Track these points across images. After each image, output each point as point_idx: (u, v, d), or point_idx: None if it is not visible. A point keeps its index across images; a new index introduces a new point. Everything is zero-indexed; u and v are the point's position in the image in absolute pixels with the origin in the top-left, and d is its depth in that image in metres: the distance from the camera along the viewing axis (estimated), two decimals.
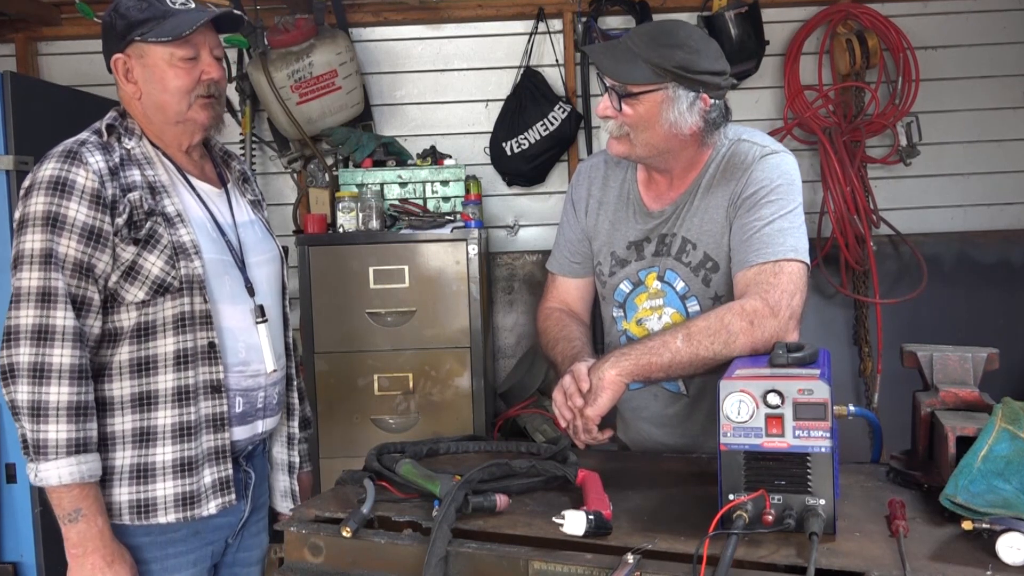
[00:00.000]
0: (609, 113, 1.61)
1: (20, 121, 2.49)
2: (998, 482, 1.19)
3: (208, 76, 1.58)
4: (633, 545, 1.16)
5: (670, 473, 1.57)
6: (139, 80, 1.56)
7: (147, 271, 1.49)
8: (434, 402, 2.81)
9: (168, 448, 1.51)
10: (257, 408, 1.65)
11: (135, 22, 1.53)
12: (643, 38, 1.57)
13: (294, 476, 1.81)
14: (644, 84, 1.55)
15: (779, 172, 1.61)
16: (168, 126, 1.59)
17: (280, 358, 1.70)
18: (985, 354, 1.46)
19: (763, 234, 1.57)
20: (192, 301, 1.52)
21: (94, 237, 1.46)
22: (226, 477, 1.57)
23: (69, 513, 1.43)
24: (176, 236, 1.51)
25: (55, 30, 3.38)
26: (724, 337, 1.49)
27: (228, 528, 1.64)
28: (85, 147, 1.49)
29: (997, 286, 3.31)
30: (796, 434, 1.17)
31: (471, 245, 2.80)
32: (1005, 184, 3.39)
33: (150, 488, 1.51)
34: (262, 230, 1.75)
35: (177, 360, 1.51)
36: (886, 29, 3.20)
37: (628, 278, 1.75)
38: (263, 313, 1.65)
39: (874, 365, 3.25)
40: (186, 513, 1.52)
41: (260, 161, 3.39)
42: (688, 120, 1.58)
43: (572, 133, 3.27)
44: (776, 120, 3.35)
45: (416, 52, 3.41)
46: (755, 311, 1.51)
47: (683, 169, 1.69)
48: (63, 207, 1.44)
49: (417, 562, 1.21)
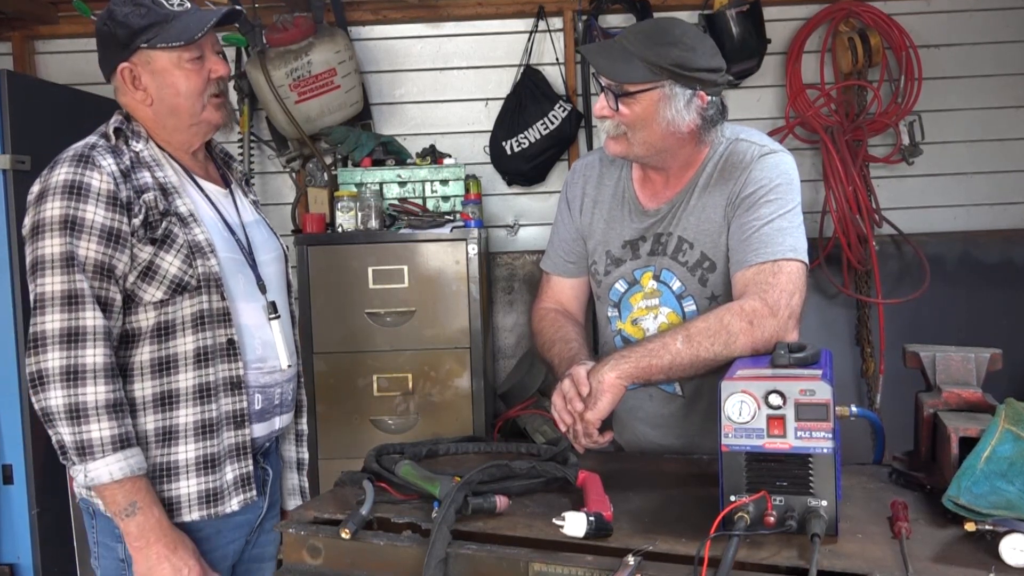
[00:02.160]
0: (606, 113, 1.60)
1: (17, 120, 2.49)
2: (1001, 483, 1.18)
3: (216, 74, 1.58)
4: (634, 547, 1.16)
5: (671, 474, 1.56)
6: (149, 86, 1.56)
7: (165, 270, 1.50)
8: (434, 403, 2.80)
9: (191, 446, 1.52)
10: (275, 404, 1.67)
11: (138, 29, 1.52)
12: (638, 37, 1.57)
13: (303, 473, 1.83)
14: (640, 83, 1.55)
15: (778, 172, 1.60)
16: (180, 129, 1.60)
17: (292, 355, 1.71)
18: (988, 354, 1.45)
19: (762, 234, 1.56)
20: (210, 299, 1.54)
21: (113, 238, 1.46)
22: (247, 473, 1.59)
23: (125, 508, 1.44)
24: (191, 235, 1.53)
25: (52, 28, 3.37)
26: (724, 338, 1.48)
27: (248, 526, 1.65)
28: (96, 150, 1.50)
29: (1000, 286, 3.30)
30: (798, 435, 1.16)
31: (471, 245, 2.79)
32: (1008, 183, 3.38)
33: (174, 487, 1.52)
34: (266, 229, 1.77)
35: (197, 358, 1.52)
36: (888, 27, 3.19)
37: (623, 277, 1.74)
38: (275, 309, 1.66)
39: (876, 365, 3.25)
40: (210, 511, 1.54)
41: (259, 160, 3.38)
42: (686, 118, 1.57)
43: (572, 132, 3.26)
44: (778, 119, 3.34)
45: (415, 51, 3.41)
46: (755, 311, 1.50)
47: (680, 167, 1.68)
48: (80, 210, 1.44)
49: (417, 564, 1.20)
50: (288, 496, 1.82)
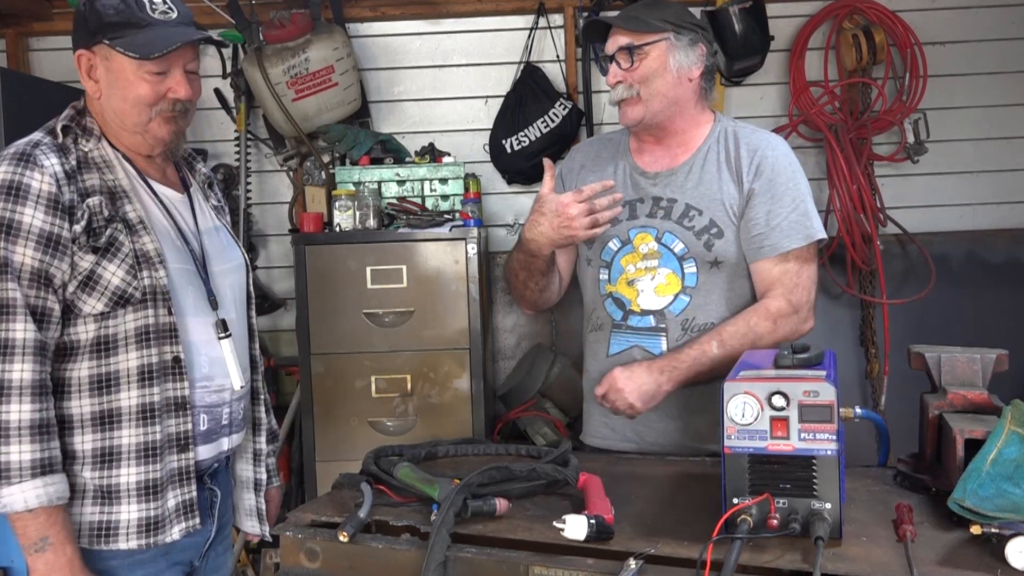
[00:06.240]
0: (620, 77, 1.80)
1: (10, 117, 2.48)
2: (1007, 486, 1.18)
3: (174, 95, 1.49)
4: (635, 550, 1.15)
5: (673, 476, 1.56)
6: (101, 81, 1.50)
7: (106, 281, 1.42)
8: (433, 404, 2.78)
9: (132, 469, 1.44)
10: (222, 425, 1.58)
11: (107, 24, 1.47)
12: (637, 8, 1.84)
13: (260, 494, 1.73)
14: (650, 33, 1.78)
15: (787, 159, 1.81)
16: (124, 132, 1.52)
17: (246, 372, 1.63)
18: (994, 355, 1.45)
19: (790, 221, 1.77)
20: (156, 313, 1.45)
21: (52, 244, 1.38)
22: (190, 500, 1.50)
23: (35, 542, 1.35)
24: (139, 244, 1.45)
25: (46, 25, 3.33)
26: (752, 338, 1.72)
27: (195, 549, 1.58)
28: (39, 149, 1.42)
29: (1007, 286, 3.28)
30: (801, 437, 1.16)
31: (470, 244, 2.77)
32: (1015, 182, 3.35)
33: (113, 510, 1.44)
34: (227, 237, 1.69)
35: (141, 376, 1.44)
36: (893, 24, 3.16)
37: (618, 236, 1.87)
38: (226, 328, 1.57)
39: (881, 366, 3.22)
40: (149, 539, 1.45)
41: (255, 158, 3.37)
42: (691, 63, 1.81)
43: (573, 130, 3.24)
44: (781, 117, 3.31)
45: (414, 48, 3.39)
46: (779, 312, 1.75)
47: (683, 135, 1.86)
48: (17, 213, 1.36)
49: (415, 567, 1.20)
50: (245, 517, 1.72)
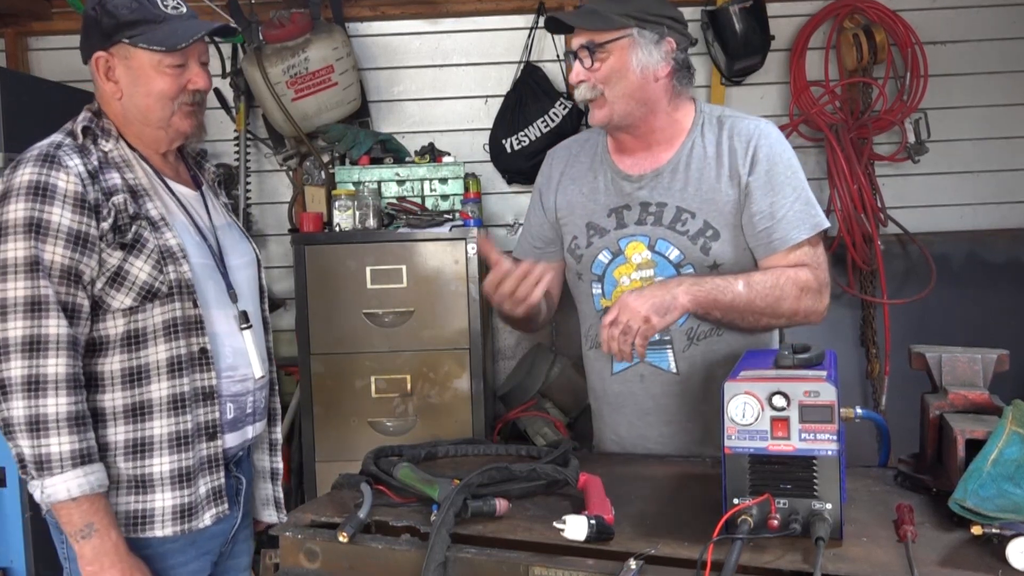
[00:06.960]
0: (582, 76, 1.67)
1: (10, 118, 2.48)
2: (1008, 486, 1.17)
3: (194, 86, 1.54)
4: (636, 550, 1.15)
5: (673, 477, 1.56)
6: (121, 80, 1.53)
7: (134, 276, 1.46)
8: (432, 404, 2.78)
9: (166, 459, 1.48)
10: (247, 413, 1.63)
11: (124, 23, 1.49)
12: (597, 2, 1.68)
13: (278, 483, 1.79)
14: (610, 31, 1.64)
15: (782, 146, 1.71)
16: (148, 128, 1.56)
17: (265, 362, 1.68)
18: (995, 355, 1.44)
19: (795, 211, 1.68)
20: (183, 306, 1.50)
21: (80, 242, 1.42)
22: (219, 486, 1.55)
23: (81, 529, 1.39)
24: (162, 240, 1.49)
25: (45, 25, 3.33)
26: (777, 295, 1.62)
27: (222, 536, 1.62)
28: (61, 150, 1.45)
29: (1008, 286, 3.28)
30: (802, 437, 1.16)
31: (470, 244, 2.77)
32: (1016, 181, 3.35)
33: (148, 499, 1.48)
34: (238, 233, 1.73)
35: (171, 367, 1.49)
36: (894, 23, 3.16)
37: (607, 247, 1.76)
38: (247, 319, 1.62)
39: (881, 366, 3.23)
40: (183, 526, 1.50)
41: (255, 158, 3.37)
42: (657, 61, 1.65)
43: (573, 130, 3.22)
44: (782, 116, 3.31)
45: (414, 47, 3.38)
46: (807, 284, 1.65)
47: (661, 133, 1.73)
48: (46, 212, 1.40)
49: (415, 568, 1.19)
50: (262, 507, 1.79)
